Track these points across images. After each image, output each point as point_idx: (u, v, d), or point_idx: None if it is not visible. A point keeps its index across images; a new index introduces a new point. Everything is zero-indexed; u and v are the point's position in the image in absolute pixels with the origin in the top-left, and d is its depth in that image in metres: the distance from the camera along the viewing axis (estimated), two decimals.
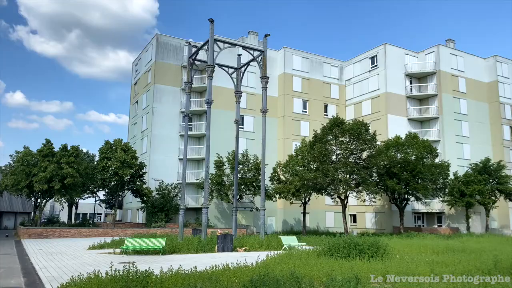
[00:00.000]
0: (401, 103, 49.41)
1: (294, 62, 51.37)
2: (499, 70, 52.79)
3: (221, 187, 39.23)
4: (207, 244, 22.32)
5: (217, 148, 41.17)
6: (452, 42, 53.06)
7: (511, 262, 13.41)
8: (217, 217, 43.88)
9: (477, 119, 51.03)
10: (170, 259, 18.14)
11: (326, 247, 17.34)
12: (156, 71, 46.19)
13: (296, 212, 45.82)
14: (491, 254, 16.54)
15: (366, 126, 36.36)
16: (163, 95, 45.94)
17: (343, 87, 54.72)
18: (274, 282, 9.48)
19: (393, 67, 49.72)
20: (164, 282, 10.28)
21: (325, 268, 12.54)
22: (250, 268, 12.74)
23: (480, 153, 48.27)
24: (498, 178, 42.35)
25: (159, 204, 39.90)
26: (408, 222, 45.15)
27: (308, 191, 37.95)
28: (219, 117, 44.77)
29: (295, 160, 39.35)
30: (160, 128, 45.18)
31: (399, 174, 37.74)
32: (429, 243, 23.08)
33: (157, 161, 44.20)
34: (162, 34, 47.67)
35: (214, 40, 26.20)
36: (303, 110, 50.82)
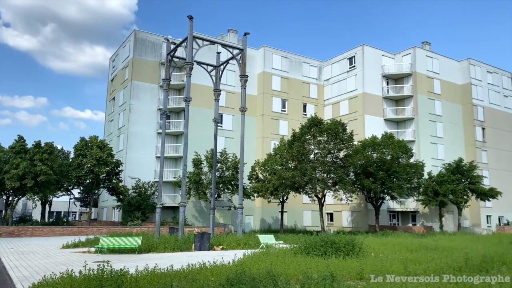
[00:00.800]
0: (378, 104, 50.19)
1: (274, 61, 51.51)
2: (472, 73, 54.23)
3: (199, 186, 39.03)
4: (184, 243, 22.17)
5: (195, 146, 40.92)
6: (428, 44, 54.21)
7: (480, 260, 13.81)
8: (195, 215, 43.64)
9: (451, 120, 52.30)
10: (146, 258, 17.93)
11: (303, 245, 17.47)
12: (134, 68, 45.55)
13: (274, 211, 46.01)
14: (462, 252, 16.99)
15: (344, 126, 36.82)
16: (140, 92, 45.34)
17: (321, 87, 55.19)
18: (250, 281, 9.48)
19: (370, 68, 50.44)
20: (140, 281, 10.14)
21: (301, 266, 12.62)
22: (227, 266, 12.70)
23: (453, 154, 49.51)
24: (470, 178, 43.52)
25: (136, 202, 39.41)
26: (383, 221, 45.94)
27: (286, 190, 38.15)
28: (198, 115, 44.55)
29: (274, 159, 39.49)
30: (137, 126, 44.59)
31: (375, 173, 38.35)
32: (404, 241, 23.51)
33: (134, 159, 43.62)
34: (140, 30, 47.03)
35: (193, 37, 25.99)
36: (282, 109, 51.02)
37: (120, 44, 51.73)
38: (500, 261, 14.24)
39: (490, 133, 54.13)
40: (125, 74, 47.68)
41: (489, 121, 54.43)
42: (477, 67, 55.21)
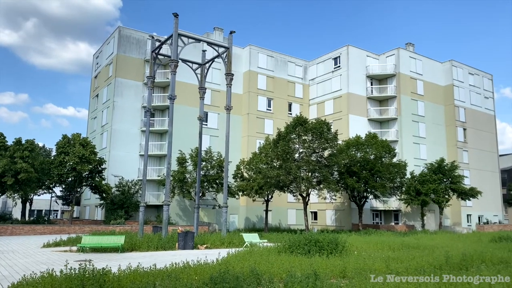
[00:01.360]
0: (362, 104, 50.66)
1: (259, 60, 51.53)
2: (454, 74, 55.15)
3: (183, 184, 38.83)
4: (167, 241, 22.05)
5: (180, 144, 40.69)
6: (412, 45, 54.91)
7: (460, 258, 14.09)
8: (179, 214, 43.41)
9: (433, 120, 53.11)
10: (129, 256, 17.78)
11: (287, 244, 17.55)
12: (118, 65, 45.04)
13: (259, 210, 46.07)
14: (443, 250, 17.31)
15: (328, 125, 37.06)
16: (124, 89, 44.87)
17: (307, 86, 55.44)
18: (234, 279, 9.48)
19: (355, 68, 50.87)
20: (122, 280, 10.05)
21: (285, 265, 12.68)
22: (210, 265, 12.69)
23: (435, 154, 50.31)
24: (452, 178, 44.29)
25: (119, 201, 39.01)
26: (366, 220, 46.44)
27: (271, 189, 38.23)
28: (183, 113, 44.30)
29: (259, 158, 39.52)
30: (121, 123, 44.12)
31: (359, 172, 38.72)
32: (386, 240, 23.81)
33: (117, 157, 43.16)
34: (124, 27, 46.52)
35: (179, 34, 25.85)
36: (267, 108, 51.09)
37: (104, 41, 51.10)
38: (480, 259, 14.55)
39: (471, 133, 55.17)
40: (109, 71, 47.12)
41: (470, 122, 55.46)
42: (459, 68, 56.17)
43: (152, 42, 28.80)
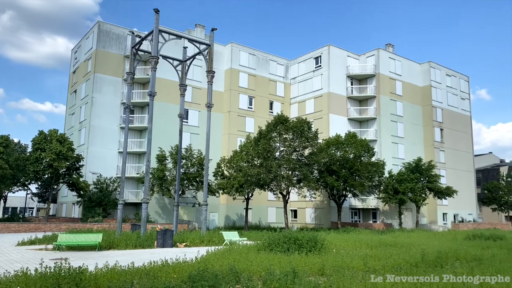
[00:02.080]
0: (342, 103, 51.16)
1: (241, 58, 51.44)
2: (432, 75, 56.22)
3: (162, 182, 38.50)
4: (146, 239, 21.84)
5: (160, 142, 40.32)
6: (391, 46, 55.71)
7: (436, 256, 14.39)
8: (158, 212, 43.04)
9: (411, 121, 54.05)
10: (107, 255, 17.54)
11: (266, 242, 17.60)
12: (97, 60, 44.29)
13: (239, 208, 46.06)
14: (419, 248, 17.63)
15: (309, 124, 37.30)
16: (103, 85, 44.17)
17: (288, 85, 55.64)
18: (213, 277, 9.45)
19: (335, 68, 51.31)
20: (99, 279, 9.92)
21: (264, 263, 12.72)
22: (189, 263, 12.63)
23: (413, 153, 51.21)
24: (429, 177, 45.17)
25: (97, 198, 38.43)
26: (345, 218, 46.99)
27: (252, 187, 38.24)
28: (163, 110, 43.90)
29: (240, 156, 39.47)
30: (99, 120, 43.42)
31: (338, 171, 39.10)
32: (364, 238, 24.14)
33: (96, 154, 42.48)
34: (104, 22, 45.77)
35: (159, 31, 25.57)
36: (248, 106, 51.07)
37: (83, 36, 50.17)
38: (454, 256, 14.89)
39: (447, 134, 56.38)
40: (87, 67, 46.29)
41: (447, 122, 56.66)
42: (437, 70, 57.28)
43: (132, 37, 28.41)
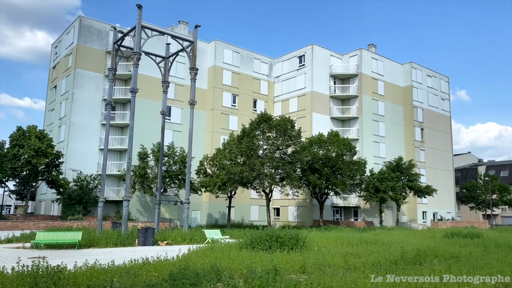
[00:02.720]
0: (325, 102, 51.50)
1: (225, 55, 51.26)
2: (413, 76, 57.05)
3: (144, 180, 38.14)
4: (127, 238, 21.60)
5: (141, 139, 39.94)
6: (374, 46, 56.29)
7: (415, 253, 14.63)
8: (139, 210, 42.62)
9: (393, 120, 54.77)
10: (87, 253, 17.28)
11: (248, 240, 17.60)
12: (78, 55, 43.53)
13: (222, 206, 45.96)
14: (399, 246, 17.88)
15: (292, 122, 37.45)
16: (84, 81, 43.45)
17: (272, 83, 55.71)
18: (194, 276, 9.41)
19: (319, 67, 51.60)
20: (78, 278, 9.77)
21: (246, 261, 12.72)
22: (170, 261, 12.54)
23: (394, 152, 51.91)
24: (409, 176, 45.87)
25: (77, 196, 37.83)
26: (327, 216, 47.37)
27: (234, 185, 38.23)
28: (145, 107, 43.47)
29: (223, 154, 39.39)
30: (80, 116, 42.72)
31: (321, 169, 39.38)
32: (345, 236, 24.36)
33: (76, 151, 41.79)
34: (86, 17, 44.99)
35: (142, 26, 25.28)
36: (232, 104, 50.95)
37: (64, 30, 49.24)
38: (433, 254, 15.15)
39: (427, 133, 57.32)
40: (68, 62, 45.47)
41: (427, 122, 57.61)
42: (418, 70, 58.15)
43: (114, 33, 28.01)
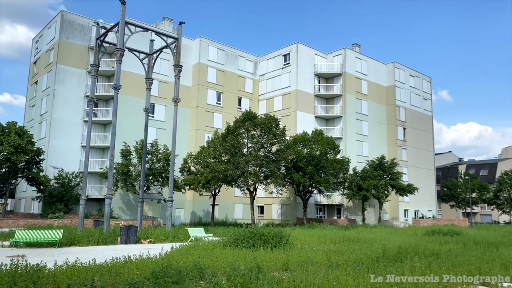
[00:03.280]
0: (309, 101, 51.75)
1: (210, 52, 51.03)
2: (396, 76, 57.74)
3: (127, 177, 37.74)
4: (109, 236, 21.39)
5: (124, 136, 39.52)
6: (358, 46, 56.76)
7: (396, 251, 14.84)
8: (122, 208, 42.19)
9: (376, 119, 55.36)
10: (67, 251, 17.05)
11: (232, 238, 17.60)
12: (60, 51, 42.78)
13: (206, 204, 45.82)
14: (381, 244, 18.11)
15: (277, 121, 37.54)
16: (66, 77, 42.73)
17: (257, 81, 55.70)
18: (176, 274, 9.37)
19: (304, 66, 51.80)
20: (58, 276, 9.63)
21: (229, 258, 12.72)
22: (153, 260, 12.47)
23: (376, 151, 52.50)
24: (391, 174, 46.47)
25: (58, 193, 37.23)
26: (310, 214, 47.65)
27: (219, 183, 38.14)
28: (128, 104, 43.01)
29: (207, 152, 39.25)
30: (61, 112, 42.01)
31: (305, 168, 39.58)
32: (328, 233, 24.57)
33: (57, 148, 41.11)
34: (68, 12, 44.22)
35: (125, 22, 25.01)
36: (217, 102, 50.77)
37: (46, 25, 48.31)
38: (414, 251, 15.40)
39: (410, 133, 58.12)
40: (49, 57, 44.64)
41: (410, 121, 58.40)
42: (401, 70, 58.87)
43: (97, 29, 27.71)
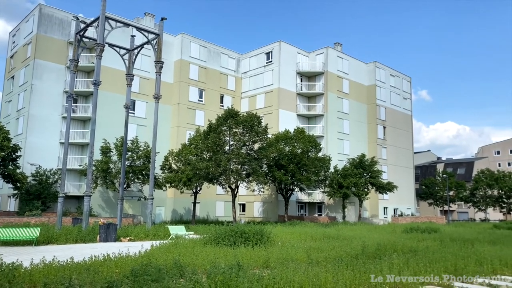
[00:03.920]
0: (291, 99, 51.95)
1: (192, 49, 50.67)
2: (377, 75, 58.45)
3: (107, 175, 37.23)
4: (88, 234, 21.09)
5: (104, 133, 38.96)
6: (340, 45, 57.23)
7: (375, 248, 15.04)
8: (102, 206, 41.62)
9: (357, 118, 55.96)
10: (45, 250, 16.73)
11: (213, 235, 17.56)
12: (38, 45, 41.83)
13: (187, 202, 45.57)
14: (360, 241, 18.34)
15: (259, 119, 37.57)
16: (44, 72, 41.83)
17: (239, 79, 55.60)
18: (156, 272, 9.29)
19: (286, 64, 51.94)
20: (34, 275, 9.44)
21: (210, 256, 12.69)
22: (132, 258, 12.34)
23: (357, 149, 53.10)
24: (371, 173, 47.07)
25: (35, 191, 36.47)
26: (292, 211, 47.91)
27: (200, 181, 37.97)
28: (108, 100, 42.41)
29: (188, 149, 39.02)
30: (39, 108, 41.13)
31: (286, 165, 39.74)
32: (309, 231, 24.74)
33: (35, 144, 40.24)
34: (46, 5, 43.27)
35: (106, 17, 24.62)
36: (199, 99, 50.49)
37: (23, 18, 47.16)
38: (392, 248, 15.63)
39: (390, 131, 58.96)
40: (27, 52, 43.61)
41: (390, 120, 59.24)
42: (382, 70, 59.62)
43: (77, 23, 27.13)
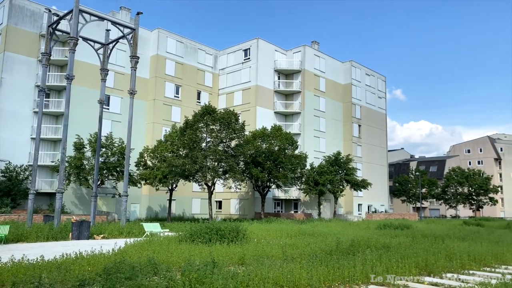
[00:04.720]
0: (269, 97, 52.06)
1: (168, 44, 50.08)
2: (353, 74, 59.19)
3: (80, 171, 36.46)
4: (60, 231, 20.63)
5: (78, 129, 38.13)
6: (317, 44, 57.66)
7: (349, 244, 15.27)
8: (75, 203, 40.74)
9: (333, 116, 56.57)
10: (14, 248, 16.28)
11: (188, 233, 17.46)
12: (8, 37, 40.47)
13: (162, 199, 45.12)
14: (335, 237, 18.58)
15: (236, 116, 37.50)
16: (15, 65, 40.55)
17: (216, 75, 55.32)
18: (130, 269, 9.16)
19: (264, 61, 51.99)
20: (3, 274, 9.19)
21: (184, 254, 12.62)
22: (106, 255, 12.15)
23: (333, 147, 53.69)
24: (346, 170, 47.68)
25: (5, 187, 35.41)
26: (268, 208, 48.11)
27: (176, 178, 37.65)
28: (82, 95, 41.49)
29: (164, 146, 38.61)
30: (9, 102, 39.86)
31: (263, 163, 39.85)
32: (285, 228, 24.91)
33: (5, 140, 39.01)
34: None
35: (80, 10, 24.08)
36: (175, 95, 49.99)
37: None
38: (366, 244, 15.91)
39: (365, 130, 59.86)
40: None
41: (365, 119, 60.14)
42: (357, 69, 60.41)
43: (49, 16, 26.44)
